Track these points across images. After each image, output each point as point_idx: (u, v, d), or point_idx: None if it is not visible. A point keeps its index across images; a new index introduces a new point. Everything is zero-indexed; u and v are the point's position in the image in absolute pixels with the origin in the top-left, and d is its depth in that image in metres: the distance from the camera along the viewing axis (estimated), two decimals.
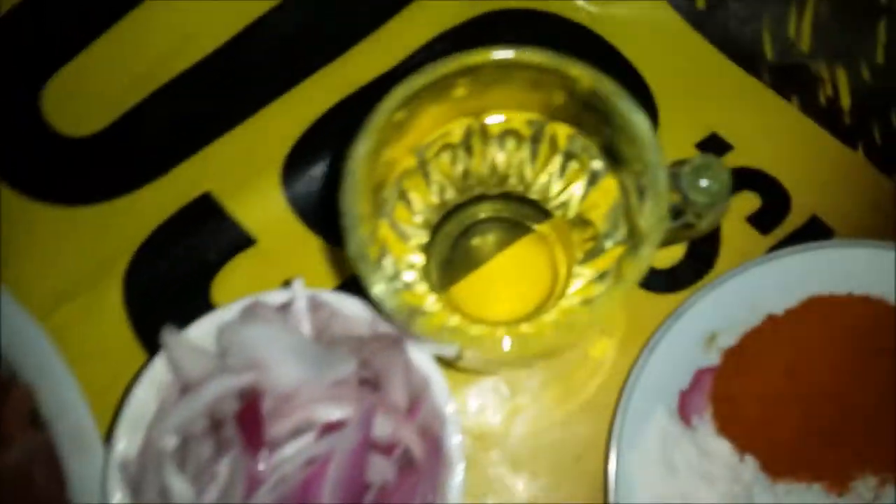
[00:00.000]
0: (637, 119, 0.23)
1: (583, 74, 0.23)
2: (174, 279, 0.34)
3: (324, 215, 0.34)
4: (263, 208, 0.34)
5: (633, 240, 0.24)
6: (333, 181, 0.24)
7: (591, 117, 0.25)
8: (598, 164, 0.27)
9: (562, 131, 0.27)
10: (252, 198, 0.34)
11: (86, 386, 0.32)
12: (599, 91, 0.23)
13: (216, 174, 0.35)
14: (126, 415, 0.28)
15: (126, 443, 0.27)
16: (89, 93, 0.36)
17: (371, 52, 0.36)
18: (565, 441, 0.32)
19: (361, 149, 0.23)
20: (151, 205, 0.35)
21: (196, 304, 0.33)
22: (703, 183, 0.24)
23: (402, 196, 0.28)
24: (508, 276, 0.32)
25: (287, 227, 0.34)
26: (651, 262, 0.22)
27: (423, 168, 0.28)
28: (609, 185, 0.26)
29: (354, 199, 0.22)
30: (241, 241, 0.34)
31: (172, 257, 0.34)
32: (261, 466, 0.24)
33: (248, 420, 0.25)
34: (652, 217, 0.22)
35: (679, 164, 0.24)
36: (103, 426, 0.30)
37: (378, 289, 0.22)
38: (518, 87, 0.25)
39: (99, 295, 0.33)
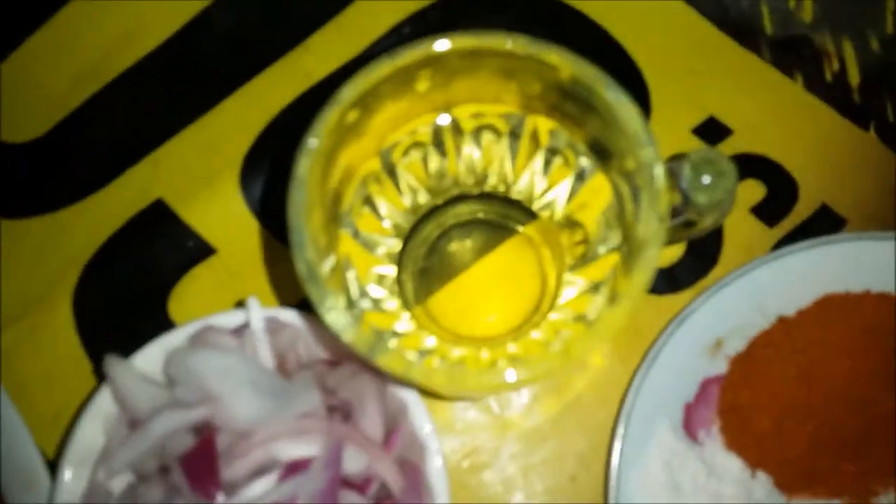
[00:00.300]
0: (627, 111, 0.20)
1: (561, 61, 0.20)
2: (128, 295, 0.31)
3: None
4: (222, 214, 0.32)
5: (629, 245, 0.21)
6: None
7: (573, 109, 0.22)
8: (585, 160, 0.24)
9: (543, 125, 0.24)
10: (209, 203, 0.32)
11: (36, 413, 0.30)
12: (581, 79, 0.20)
13: (168, 179, 0.32)
14: (71, 451, 0.25)
15: (72, 481, 0.25)
16: (27, 95, 0.34)
17: (332, 38, 0.33)
18: (560, 459, 0.29)
19: (308, 155, 0.20)
20: (100, 215, 0.32)
21: (153, 321, 0.31)
22: (706, 180, 0.21)
23: (367, 202, 0.25)
24: (492, 283, 0.29)
25: (249, 234, 0.32)
26: (654, 271, 0.19)
27: (389, 170, 0.25)
28: (599, 184, 0.24)
29: (303, 212, 0.19)
30: (200, 252, 0.32)
31: (125, 271, 0.32)
32: None
33: (200, 460, 0.23)
34: (650, 222, 0.19)
35: (677, 158, 0.21)
36: (55, 455, 0.29)
37: (333, 317, 0.19)
38: (489, 78, 0.22)
39: (47, 315, 0.31)
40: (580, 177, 0.24)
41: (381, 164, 0.24)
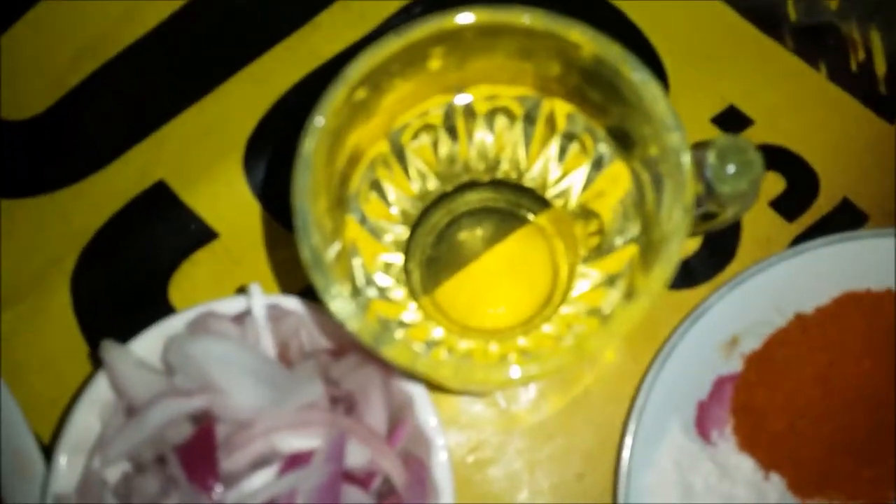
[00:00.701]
0: (653, 93, 0.19)
1: (584, 39, 0.19)
2: (127, 279, 0.31)
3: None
4: (225, 198, 0.31)
5: (649, 237, 0.20)
6: None
7: (594, 92, 0.21)
8: (603, 147, 0.23)
9: (560, 109, 0.23)
10: (211, 186, 0.31)
11: (32, 398, 0.30)
12: (605, 59, 0.19)
13: (170, 160, 0.32)
14: (66, 438, 0.24)
15: (67, 468, 0.24)
16: (26, 70, 0.33)
17: (341, 17, 0.32)
18: (567, 456, 0.28)
19: (314, 134, 0.19)
20: (99, 196, 0.31)
21: (153, 306, 0.30)
22: (731, 169, 0.20)
23: (375, 187, 0.24)
24: (501, 274, 0.28)
25: (252, 219, 0.31)
26: (676, 266, 0.18)
27: (398, 154, 0.24)
28: (618, 172, 0.23)
29: (309, 194, 0.18)
30: (201, 235, 0.31)
31: (125, 254, 0.31)
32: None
33: (198, 451, 0.22)
34: (675, 213, 0.18)
35: (701, 146, 0.20)
36: (50, 440, 0.28)
37: (338, 305, 0.18)
38: (505, 57, 0.21)
39: (44, 298, 0.30)
40: (598, 164, 0.23)
41: (389, 147, 0.23)
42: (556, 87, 0.22)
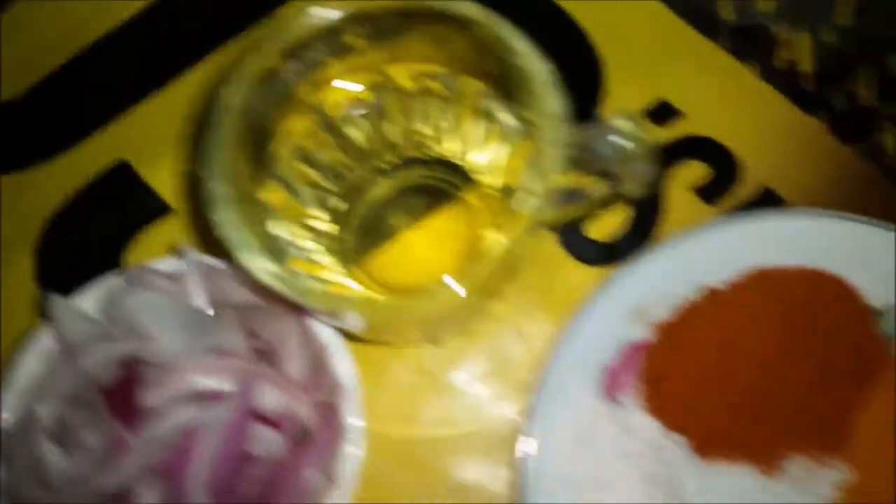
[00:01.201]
0: (535, 65, 0.21)
1: (474, 14, 0.21)
2: (87, 251, 0.32)
3: None
4: (183, 178, 0.33)
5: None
6: None
7: (495, 67, 0.23)
8: (511, 121, 0.24)
9: (472, 87, 0.25)
10: (170, 166, 0.33)
11: None
12: (489, 32, 0.21)
13: (134, 143, 0.34)
14: (12, 385, 0.26)
15: (12, 415, 0.26)
16: (4, 58, 0.35)
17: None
18: (493, 425, 0.30)
19: (230, 100, 0.21)
20: (65, 174, 0.33)
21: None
22: (620, 142, 0.21)
23: (301, 156, 0.25)
24: (430, 246, 0.29)
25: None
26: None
27: (328, 128, 0.25)
28: (528, 147, 0.24)
29: (221, 157, 0.20)
30: (158, 211, 0.33)
31: (85, 228, 0.33)
32: (132, 436, 0.23)
33: (123, 389, 0.24)
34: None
35: (593, 125, 0.22)
36: None
37: (255, 263, 0.20)
38: (421, 40, 0.23)
39: (8, 268, 0.32)
40: (510, 141, 0.25)
41: (319, 121, 0.25)
42: (466, 65, 0.24)
